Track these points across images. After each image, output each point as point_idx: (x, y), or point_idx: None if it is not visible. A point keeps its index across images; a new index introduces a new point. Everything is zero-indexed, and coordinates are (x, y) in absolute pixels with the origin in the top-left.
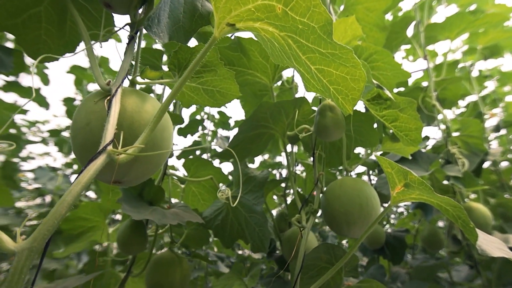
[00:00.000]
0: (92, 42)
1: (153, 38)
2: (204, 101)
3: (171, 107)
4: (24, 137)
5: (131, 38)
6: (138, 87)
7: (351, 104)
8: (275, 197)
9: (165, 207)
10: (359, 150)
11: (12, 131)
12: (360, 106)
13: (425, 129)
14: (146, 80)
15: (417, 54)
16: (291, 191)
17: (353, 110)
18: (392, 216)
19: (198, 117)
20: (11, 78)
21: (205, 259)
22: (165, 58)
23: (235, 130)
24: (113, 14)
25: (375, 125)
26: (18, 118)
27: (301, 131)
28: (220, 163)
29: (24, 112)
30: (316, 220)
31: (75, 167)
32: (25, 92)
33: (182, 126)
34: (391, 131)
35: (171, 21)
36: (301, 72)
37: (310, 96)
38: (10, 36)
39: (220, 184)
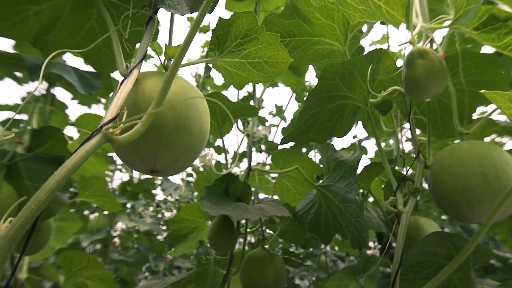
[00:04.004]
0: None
1: (169, 11)
2: (254, 76)
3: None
4: None
5: (150, 19)
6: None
7: (399, 4)
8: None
9: (253, 203)
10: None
11: None
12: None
13: None
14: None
15: None
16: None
17: (465, 51)
18: None
19: None
20: None
21: (296, 256)
22: None
23: None
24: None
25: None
26: None
27: (387, 94)
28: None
29: None
30: None
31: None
32: None
33: (285, 125)
34: None
35: None
36: None
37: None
38: None
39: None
